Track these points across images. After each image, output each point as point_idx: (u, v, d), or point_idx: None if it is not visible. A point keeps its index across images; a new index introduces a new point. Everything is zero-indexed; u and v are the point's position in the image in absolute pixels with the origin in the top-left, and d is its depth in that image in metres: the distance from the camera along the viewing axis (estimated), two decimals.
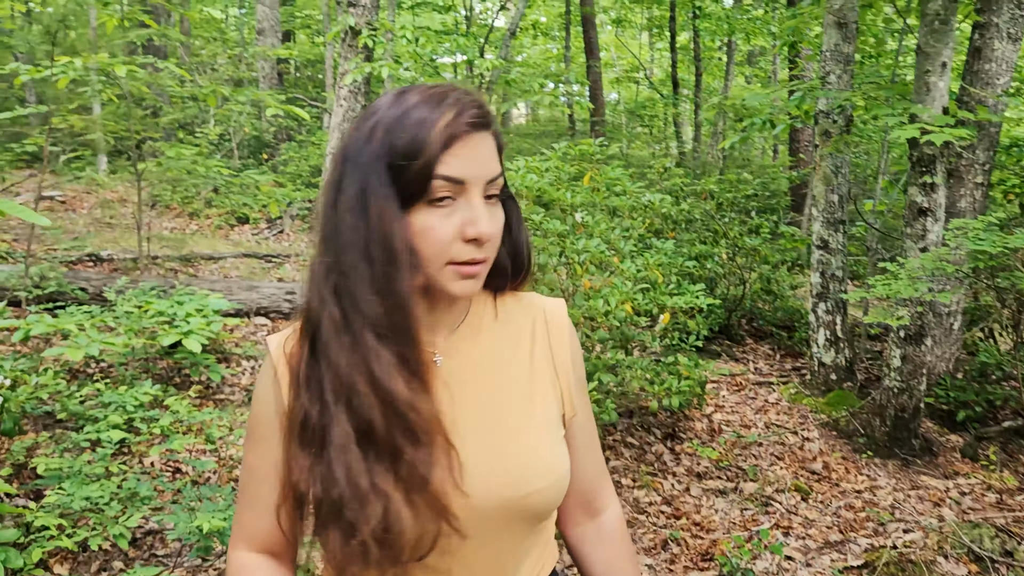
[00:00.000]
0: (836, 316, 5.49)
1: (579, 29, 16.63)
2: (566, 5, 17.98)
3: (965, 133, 4.01)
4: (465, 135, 0.96)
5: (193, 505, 2.89)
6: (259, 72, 13.45)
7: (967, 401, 5.13)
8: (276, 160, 12.58)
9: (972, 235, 3.71)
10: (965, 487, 4.40)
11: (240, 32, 18.17)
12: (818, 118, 5.43)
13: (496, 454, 1.03)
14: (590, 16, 15.42)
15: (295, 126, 13.28)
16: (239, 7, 19.80)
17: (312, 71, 17.92)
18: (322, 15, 13.85)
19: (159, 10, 12.86)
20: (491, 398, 1.06)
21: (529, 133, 18.56)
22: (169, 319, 4.58)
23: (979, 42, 5.11)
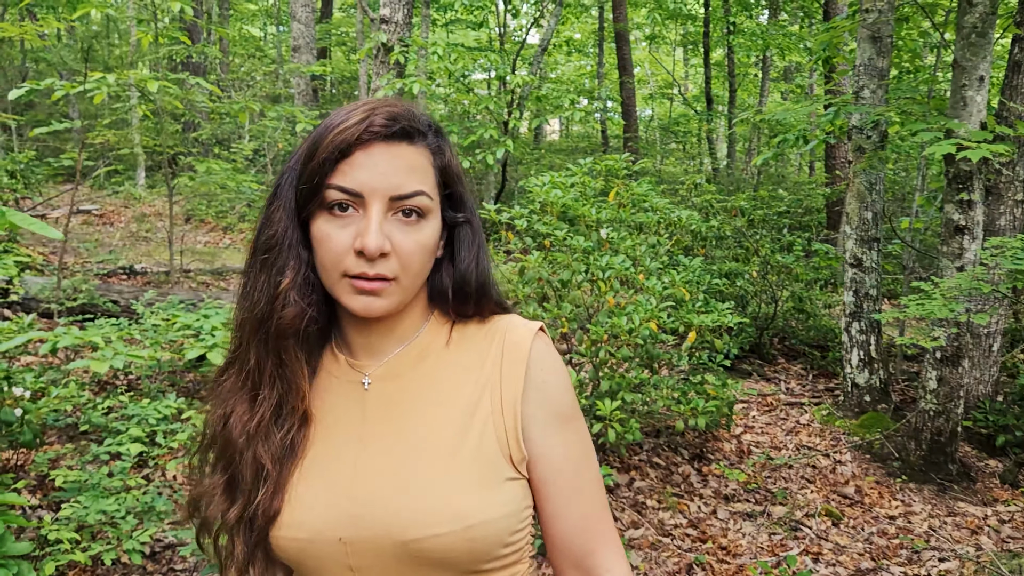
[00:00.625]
0: (870, 336, 5.36)
1: (612, 45, 16.62)
2: (599, 22, 17.99)
3: (1003, 149, 3.90)
4: (367, 145, 0.93)
5: None
6: (295, 88, 13.61)
7: (1007, 425, 4.97)
8: None
9: (1010, 254, 3.59)
10: (1004, 515, 4.24)
11: (277, 49, 18.44)
12: (851, 134, 5.32)
13: (388, 492, 0.95)
14: (624, 32, 15.39)
15: None
16: (276, 25, 20.11)
17: (347, 87, 18.12)
18: (356, 32, 14.00)
19: (196, 28, 13.10)
20: (414, 430, 0.98)
21: (561, 149, 18.56)
22: (195, 332, 4.60)
23: (1019, 56, 4.98)
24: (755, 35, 14.18)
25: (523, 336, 1.01)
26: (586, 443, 1.04)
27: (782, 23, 15.55)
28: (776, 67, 18.58)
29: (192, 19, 6.97)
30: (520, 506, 0.97)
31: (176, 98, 6.53)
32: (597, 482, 1.04)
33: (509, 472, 0.97)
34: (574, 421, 1.02)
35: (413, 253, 0.96)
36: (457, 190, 1.03)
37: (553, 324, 4.21)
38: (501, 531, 0.94)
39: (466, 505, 0.93)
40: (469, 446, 0.96)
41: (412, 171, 0.96)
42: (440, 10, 14.51)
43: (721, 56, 17.12)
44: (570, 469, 1.01)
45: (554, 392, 1.01)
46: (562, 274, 4.20)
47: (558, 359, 1.03)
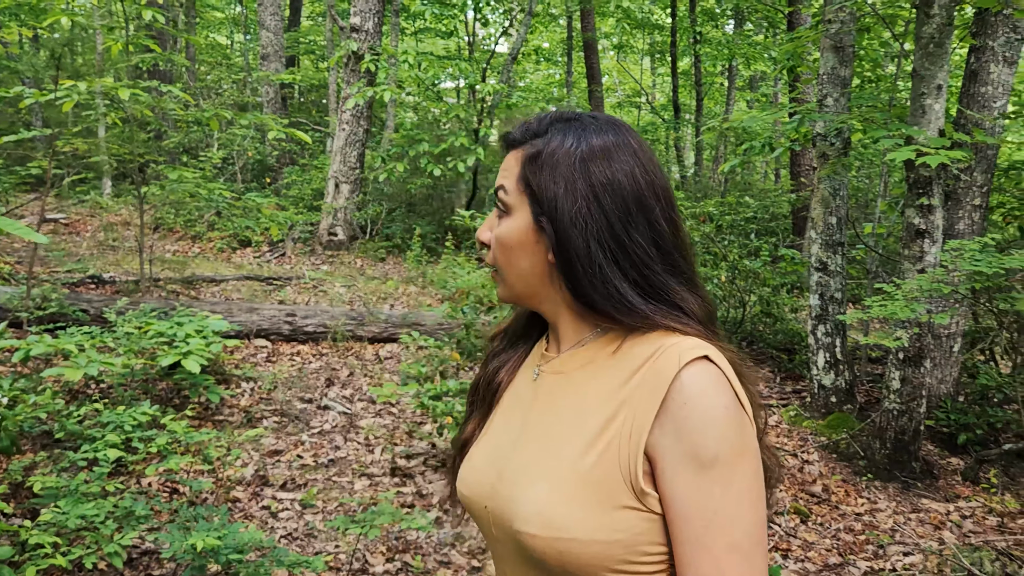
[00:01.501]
0: (835, 338, 5.49)
1: (581, 55, 16.78)
2: (568, 31, 18.16)
3: (961, 155, 4.03)
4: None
5: (188, 525, 2.89)
6: (263, 97, 13.58)
7: (968, 423, 5.12)
8: (279, 184, 12.66)
9: (968, 256, 3.72)
10: (966, 510, 4.37)
11: (245, 57, 18.36)
12: (816, 141, 5.46)
13: (518, 479, 1.01)
14: (592, 42, 15.56)
15: (298, 150, 13.37)
16: (244, 33, 20.01)
17: (316, 96, 18.09)
18: (326, 41, 14.00)
19: (164, 36, 13.01)
20: (557, 428, 1.02)
21: None
22: (169, 340, 4.60)
23: (975, 65, 5.15)
24: (721, 45, 14.42)
25: (671, 362, 0.94)
26: (734, 500, 0.91)
27: (747, 33, 15.81)
28: (742, 76, 18.87)
29: (161, 27, 6.95)
30: (637, 539, 0.93)
31: (146, 106, 6.51)
32: (738, 549, 0.90)
33: (628, 500, 0.93)
34: (719, 469, 0.91)
35: (495, 246, 1.07)
36: (534, 181, 1.03)
37: None
38: (601, 555, 0.92)
39: (563, 517, 0.93)
40: (589, 460, 0.95)
41: (505, 171, 1.08)
42: (410, 19, 14.56)
43: (688, 65, 17.36)
44: (699, 521, 0.90)
45: (694, 429, 0.91)
46: None
47: (716, 395, 0.93)
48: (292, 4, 17.76)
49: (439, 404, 4.20)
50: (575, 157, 1.01)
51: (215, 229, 10.40)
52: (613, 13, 16.74)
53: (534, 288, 1.06)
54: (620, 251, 0.99)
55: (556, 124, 1.05)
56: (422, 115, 12.54)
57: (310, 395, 5.56)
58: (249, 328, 6.37)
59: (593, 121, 1.05)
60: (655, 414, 0.93)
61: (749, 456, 0.93)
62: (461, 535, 3.82)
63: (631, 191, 1.00)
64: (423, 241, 9.98)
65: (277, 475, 4.33)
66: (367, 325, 6.70)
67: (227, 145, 11.81)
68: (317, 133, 14.22)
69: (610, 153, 1.02)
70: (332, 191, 10.48)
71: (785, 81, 11.70)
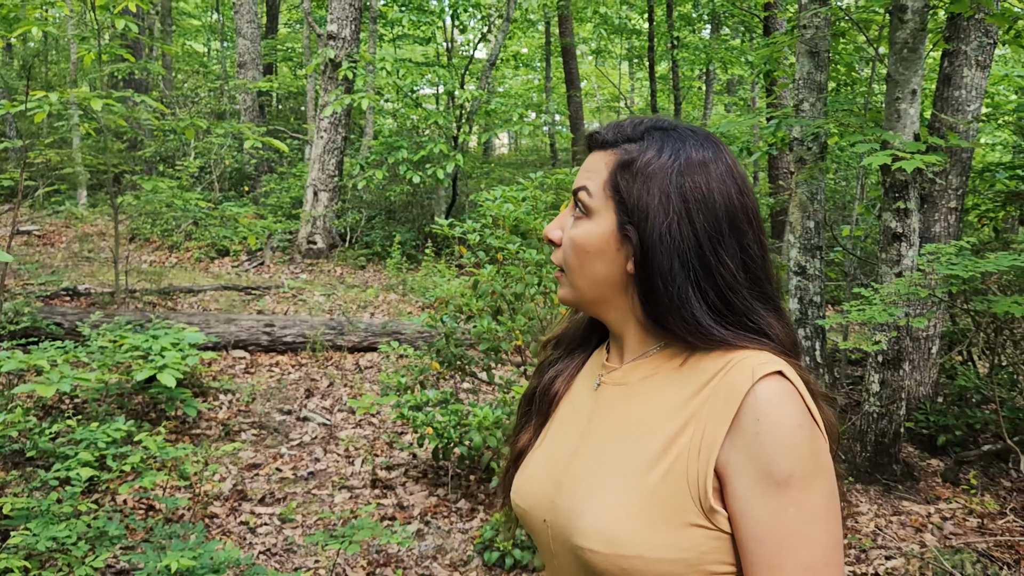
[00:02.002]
0: (815, 342, 5.50)
1: (559, 60, 16.81)
2: (546, 36, 18.20)
3: (936, 159, 4.05)
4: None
5: (163, 544, 2.84)
6: (241, 105, 13.49)
7: (947, 425, 5.14)
8: (257, 192, 12.57)
9: (944, 260, 3.73)
10: (946, 512, 4.39)
11: (222, 65, 18.24)
12: (793, 145, 5.48)
13: (577, 493, 1.00)
14: (570, 47, 15.59)
15: (276, 158, 13.29)
16: (221, 41, 19.89)
17: (294, 103, 18.00)
18: (303, 48, 13.93)
19: (140, 45, 12.90)
20: (619, 441, 1.00)
21: (511, 163, 18.67)
22: (144, 354, 4.53)
23: (948, 69, 5.19)
24: (698, 49, 14.48)
25: (743, 376, 0.92)
26: (808, 520, 0.88)
27: (724, 37, 15.90)
28: (719, 80, 18.97)
29: (136, 36, 6.88)
30: (704, 558, 0.90)
31: (120, 116, 6.44)
32: (810, 569, 0.88)
33: (696, 518, 0.91)
34: (794, 491, 0.88)
35: (568, 247, 1.04)
36: (625, 189, 0.99)
37: (507, 337, 4.25)
38: (665, 574, 0.90)
39: (626, 534, 0.91)
40: (655, 476, 0.93)
41: (589, 171, 1.04)
42: (387, 26, 14.52)
43: (666, 70, 17.43)
44: (772, 542, 0.88)
45: (768, 447, 0.89)
46: (515, 287, 4.25)
47: (790, 411, 0.90)
48: (269, 11, 17.67)
49: (419, 415, 4.17)
50: (672, 171, 0.98)
51: (192, 239, 10.31)
52: (591, 19, 16.79)
53: (605, 295, 1.03)
54: (704, 272, 0.97)
55: (653, 132, 1.02)
56: (401, 122, 12.50)
57: (289, 406, 5.51)
58: (227, 339, 6.31)
59: (692, 134, 1.02)
60: (727, 429, 0.91)
61: (823, 475, 0.90)
62: (443, 547, 3.79)
63: (725, 211, 0.98)
64: (403, 248, 9.93)
65: (256, 489, 4.28)
66: (347, 334, 6.65)
67: (204, 154, 11.72)
68: (295, 141, 14.14)
69: (708, 170, 0.99)
70: (311, 199, 10.42)
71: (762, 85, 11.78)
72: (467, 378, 5.14)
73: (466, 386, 5.47)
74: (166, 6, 16.42)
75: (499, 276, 4.34)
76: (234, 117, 14.00)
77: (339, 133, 10.47)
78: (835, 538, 0.90)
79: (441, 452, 4.21)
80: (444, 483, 4.42)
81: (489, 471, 4.27)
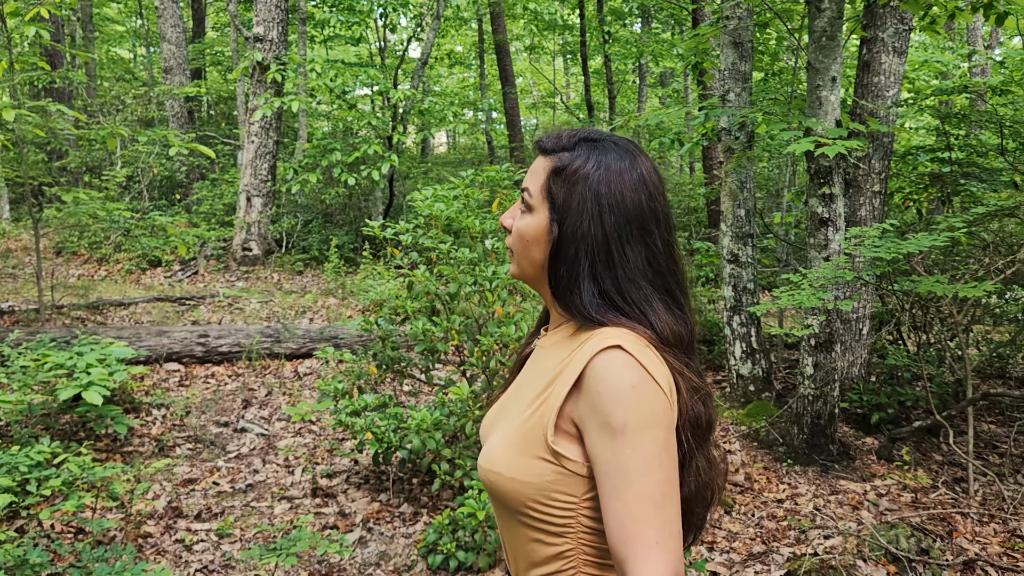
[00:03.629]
0: (750, 328, 5.58)
1: (494, 57, 16.79)
2: (479, 34, 18.15)
3: (857, 144, 4.14)
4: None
5: (91, 569, 2.74)
6: (169, 111, 13.16)
7: (880, 404, 5.27)
8: (189, 200, 12.28)
9: (868, 242, 3.81)
10: (882, 488, 4.49)
11: (148, 71, 17.77)
12: (721, 135, 5.55)
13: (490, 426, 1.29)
14: (504, 44, 15.57)
15: (208, 165, 13.00)
16: (146, 46, 19.37)
17: (225, 108, 17.62)
18: (231, 51, 13.65)
19: (58, 52, 12.48)
20: (523, 391, 1.25)
21: (449, 161, 18.58)
22: (68, 371, 4.37)
23: (867, 56, 5.31)
24: (630, 43, 14.59)
25: (590, 347, 1.13)
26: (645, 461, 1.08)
27: (655, 31, 16.07)
28: (652, 74, 19.16)
29: (50, 44, 6.64)
30: (547, 486, 1.14)
31: (37, 126, 6.20)
32: (648, 498, 1.07)
33: (543, 453, 1.14)
34: (630, 436, 1.08)
35: (515, 234, 1.27)
36: (556, 192, 1.21)
37: (444, 337, 4.21)
38: (516, 492, 1.15)
39: (498, 456, 1.19)
40: (525, 416, 1.18)
41: (533, 174, 1.26)
42: (317, 27, 14.30)
43: (599, 64, 17.54)
44: (616, 476, 1.09)
45: (605, 404, 1.09)
46: (450, 287, 4.21)
47: (627, 376, 1.09)
48: (195, 15, 17.27)
49: (358, 420, 4.10)
50: (593, 178, 1.19)
51: (122, 250, 10.01)
52: (522, 15, 16.79)
53: (539, 276, 1.26)
54: (606, 263, 1.17)
55: (583, 143, 1.23)
56: (334, 124, 12.33)
57: (226, 418, 5.38)
58: (159, 352, 6.14)
59: (615, 146, 1.23)
60: (569, 389, 1.13)
61: (658, 426, 1.09)
62: (386, 553, 3.74)
63: (635, 213, 1.18)
64: (341, 252, 9.80)
65: (192, 505, 4.16)
66: (284, 342, 6.53)
67: (131, 163, 11.39)
68: (227, 146, 13.85)
69: (623, 178, 1.19)
70: (244, 205, 10.21)
71: (693, 77, 11.92)
72: (406, 380, 5.09)
73: (407, 389, 5.42)
74: (87, 12, 15.93)
75: (433, 276, 4.29)
76: (162, 124, 13.67)
77: (271, 137, 10.28)
78: (671, 476, 1.09)
79: (382, 457, 4.15)
80: (386, 488, 4.37)
81: (431, 473, 4.23)
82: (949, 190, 5.70)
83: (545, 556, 1.18)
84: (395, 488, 4.35)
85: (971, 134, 6.88)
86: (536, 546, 1.19)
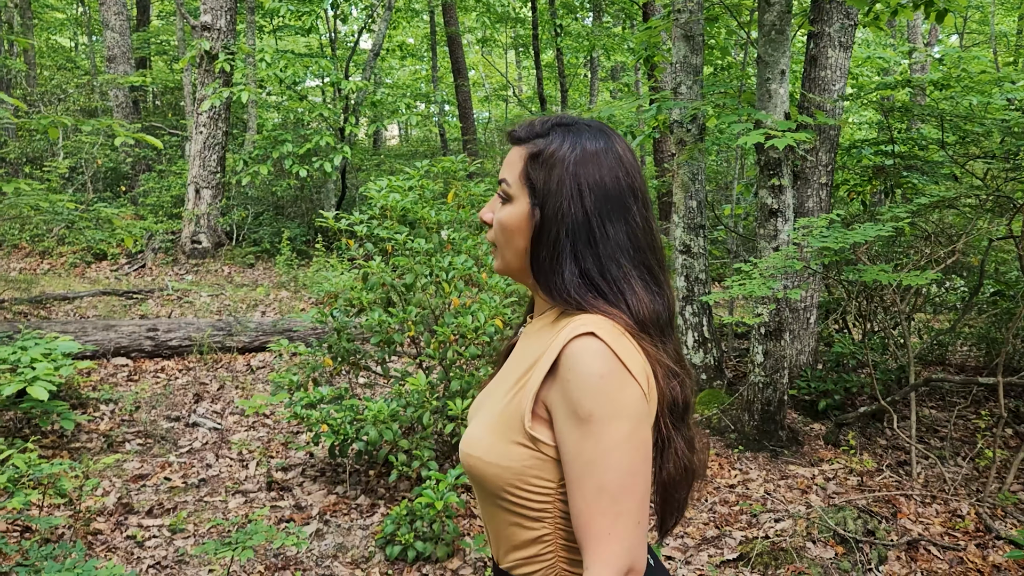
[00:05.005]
0: (702, 318, 5.67)
1: (446, 49, 16.71)
2: (431, 26, 18.05)
3: (805, 137, 4.23)
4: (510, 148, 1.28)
5: (39, 567, 2.68)
6: (113, 101, 12.84)
7: (827, 390, 5.40)
8: (136, 192, 12.02)
9: (816, 233, 3.90)
10: (829, 473, 4.61)
11: (91, 60, 17.30)
12: (673, 128, 5.61)
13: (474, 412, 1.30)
14: (456, 36, 15.52)
15: (154, 156, 12.72)
16: (89, 35, 18.85)
17: (172, 98, 17.26)
18: (178, 40, 13.37)
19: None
20: (503, 376, 1.28)
21: (401, 154, 18.46)
22: (12, 367, 4.26)
23: (814, 51, 5.42)
24: (581, 37, 14.66)
25: (566, 335, 1.13)
26: (606, 453, 1.09)
27: (606, 25, 16.16)
28: (604, 67, 19.28)
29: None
30: (525, 470, 1.15)
31: None
32: (604, 490, 1.09)
33: (520, 438, 1.15)
34: (595, 426, 1.09)
35: (497, 227, 1.26)
36: (534, 177, 1.22)
37: (400, 328, 4.20)
38: (496, 476, 1.17)
39: (478, 440, 1.20)
40: (505, 402, 1.20)
41: (509, 164, 1.26)
42: (266, 16, 14.08)
43: (551, 58, 17.58)
44: (578, 465, 1.11)
45: (573, 392, 1.10)
46: (406, 278, 4.20)
47: (597, 365, 1.09)
48: (139, 3, 16.87)
49: (313, 412, 4.07)
50: (570, 160, 1.20)
51: (66, 243, 9.76)
52: (474, 7, 16.75)
53: (524, 265, 1.25)
54: (587, 241, 1.18)
55: (556, 128, 1.24)
56: (285, 115, 12.17)
57: (177, 413, 5.30)
58: (107, 347, 6.01)
59: (588, 128, 1.24)
60: (544, 375, 1.13)
61: (624, 417, 1.09)
62: (343, 545, 3.72)
63: (614, 191, 1.20)
64: (293, 244, 9.70)
65: (143, 501, 4.09)
66: (236, 335, 6.44)
67: (74, 153, 11.10)
68: (174, 137, 13.57)
69: (599, 158, 1.21)
70: (193, 197, 10.03)
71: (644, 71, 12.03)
72: (362, 373, 5.07)
73: (363, 381, 5.39)
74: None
75: (389, 267, 4.28)
76: (106, 114, 13.33)
77: (219, 128, 10.10)
78: (632, 469, 1.10)
79: (338, 449, 4.13)
80: (343, 480, 4.35)
81: (388, 465, 4.22)
82: (892, 182, 5.86)
83: (524, 540, 1.20)
84: (352, 480, 4.33)
85: (912, 128, 7.07)
86: (515, 529, 1.20)
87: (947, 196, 4.45)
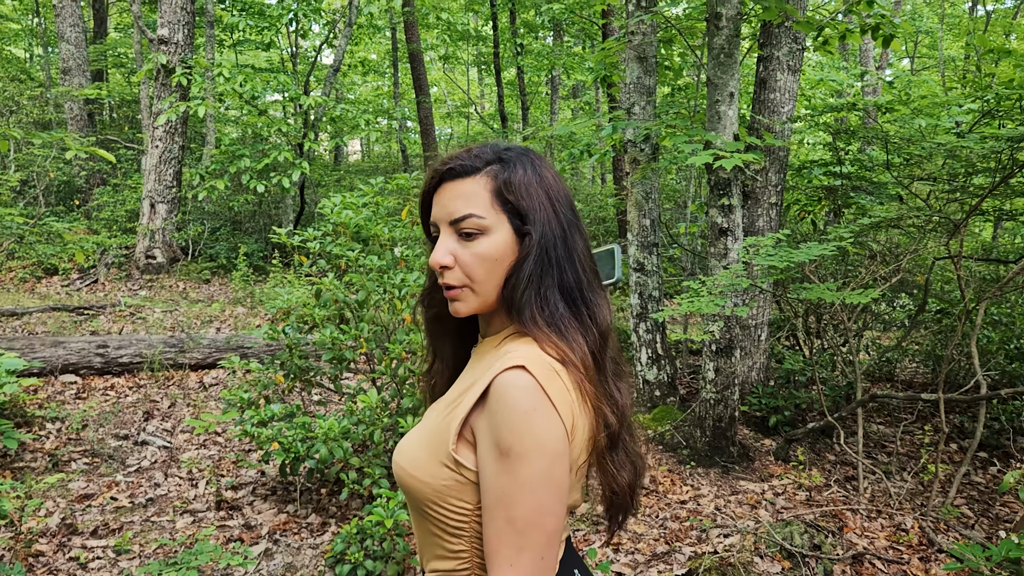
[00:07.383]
0: (656, 335, 5.74)
1: (408, 66, 16.74)
2: (393, 42, 18.08)
3: (753, 157, 4.32)
4: (439, 186, 1.26)
5: None
6: (67, 113, 12.64)
7: (777, 407, 5.49)
8: (89, 206, 11.82)
9: (763, 251, 3.98)
10: (779, 488, 4.68)
11: (46, 72, 17.03)
12: (627, 147, 5.69)
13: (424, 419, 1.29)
14: (417, 53, 15.56)
15: (109, 170, 12.53)
16: (44, 46, 18.55)
17: (128, 112, 17.04)
18: (135, 53, 13.22)
19: None
20: (448, 394, 1.29)
21: (363, 169, 18.42)
22: None
23: (763, 74, 5.54)
24: (542, 56, 14.79)
25: (500, 365, 1.14)
26: (520, 488, 1.10)
27: (567, 44, 16.33)
28: (565, 85, 19.46)
29: None
30: (446, 490, 1.18)
31: None
32: (512, 523, 1.11)
33: (445, 459, 1.17)
34: (511, 460, 1.10)
35: (471, 264, 1.22)
36: (515, 202, 1.22)
37: (353, 345, 4.19)
38: (417, 490, 1.20)
39: (407, 452, 1.23)
40: (437, 420, 1.22)
41: (465, 199, 1.22)
42: (226, 30, 14.00)
43: (513, 76, 17.70)
44: (492, 496, 1.13)
45: (497, 424, 1.11)
46: (358, 294, 4.20)
47: (523, 400, 1.10)
48: (96, 15, 16.66)
49: (264, 430, 4.04)
50: (534, 180, 1.24)
51: (15, 258, 9.56)
52: (436, 25, 16.82)
53: (498, 297, 1.24)
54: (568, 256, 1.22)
55: (505, 154, 1.25)
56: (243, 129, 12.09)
57: (126, 431, 5.21)
58: (55, 363, 5.90)
59: (524, 152, 1.28)
60: (473, 403, 1.15)
61: (542, 455, 1.10)
62: (293, 565, 3.69)
63: (571, 203, 1.27)
64: (250, 260, 9.61)
65: (88, 521, 4.02)
66: (189, 351, 6.36)
67: (25, 166, 10.90)
68: (130, 151, 13.39)
69: (551, 172, 1.28)
70: (148, 211, 9.90)
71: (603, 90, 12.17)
72: (315, 390, 5.04)
73: (315, 398, 5.35)
74: None
75: (342, 284, 4.27)
76: (60, 127, 13.12)
77: (176, 142, 10.01)
78: (541, 507, 1.11)
79: (289, 467, 4.10)
80: (293, 499, 4.31)
81: (339, 483, 4.19)
82: (840, 202, 5.99)
83: (444, 552, 1.23)
84: (303, 499, 4.30)
85: (862, 150, 7.24)
86: (437, 540, 1.23)
87: (891, 217, 4.57)
